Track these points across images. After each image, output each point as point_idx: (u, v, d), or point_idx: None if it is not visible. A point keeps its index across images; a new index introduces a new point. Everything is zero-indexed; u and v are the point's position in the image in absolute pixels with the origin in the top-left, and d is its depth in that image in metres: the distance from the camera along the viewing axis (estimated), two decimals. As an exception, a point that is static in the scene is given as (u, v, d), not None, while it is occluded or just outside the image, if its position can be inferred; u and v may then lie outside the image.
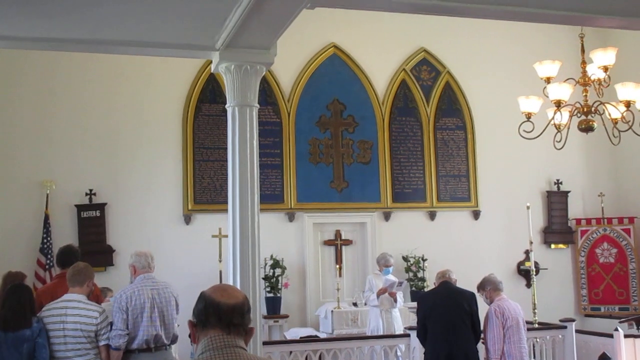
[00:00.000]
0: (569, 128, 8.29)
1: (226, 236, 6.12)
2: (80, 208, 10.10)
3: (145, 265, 5.96)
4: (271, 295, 10.38)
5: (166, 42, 5.98)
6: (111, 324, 5.73)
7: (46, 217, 9.79)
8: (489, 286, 7.33)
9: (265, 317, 10.12)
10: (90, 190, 10.15)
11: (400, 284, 9.56)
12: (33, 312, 5.56)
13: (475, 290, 7.36)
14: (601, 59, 7.94)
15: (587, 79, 8.24)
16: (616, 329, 8.70)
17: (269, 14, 5.09)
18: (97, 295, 6.24)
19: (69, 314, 5.57)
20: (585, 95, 8.24)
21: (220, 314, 2.43)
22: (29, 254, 9.70)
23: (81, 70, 10.29)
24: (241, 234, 5.73)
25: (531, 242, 10.08)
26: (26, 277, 6.74)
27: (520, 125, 8.12)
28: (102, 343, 5.62)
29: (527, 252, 10.98)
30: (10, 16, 5.33)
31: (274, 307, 10.37)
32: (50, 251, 9.55)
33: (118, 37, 5.92)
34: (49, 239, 9.71)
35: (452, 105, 11.99)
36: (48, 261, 9.54)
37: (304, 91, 11.33)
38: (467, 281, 7.73)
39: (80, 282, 5.73)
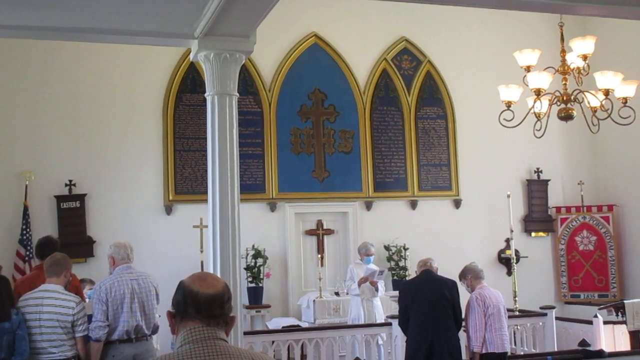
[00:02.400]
0: (548, 116, 8.33)
1: (207, 226, 6.09)
2: (60, 199, 10.01)
3: (125, 256, 5.91)
4: (253, 285, 10.37)
5: (145, 31, 5.92)
6: (89, 315, 5.68)
7: (25, 208, 9.70)
8: (470, 274, 7.37)
9: (247, 307, 10.13)
10: (70, 181, 10.07)
11: (381, 272, 9.58)
12: (12, 304, 5.49)
13: (456, 279, 7.40)
14: (580, 47, 7.98)
15: (566, 67, 8.27)
16: (595, 316, 8.80)
17: (248, 1, 5.06)
18: (76, 287, 6.19)
19: (45, 304, 5.52)
20: (565, 84, 8.28)
21: (198, 305, 2.37)
22: (8, 245, 9.63)
23: (60, 62, 10.19)
24: (222, 224, 5.69)
25: (512, 231, 10.18)
26: (1, 267, 6.67)
27: (500, 114, 8.15)
28: (78, 335, 5.57)
29: (507, 241, 11.05)
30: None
31: (255, 297, 10.37)
32: (29, 242, 9.47)
33: (97, 26, 5.85)
34: (28, 230, 9.62)
35: (433, 95, 12.00)
36: (27, 252, 9.47)
37: (285, 81, 11.29)
38: (448, 269, 7.77)
39: (57, 273, 5.68)
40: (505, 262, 11.70)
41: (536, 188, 12.34)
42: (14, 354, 5.37)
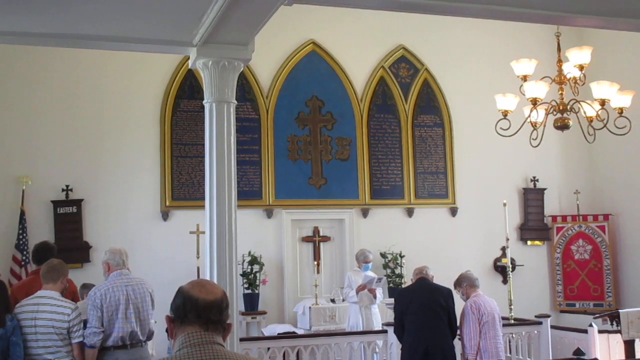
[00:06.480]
0: (545, 126, 8.36)
1: (204, 232, 6.11)
2: (56, 204, 10.01)
3: (120, 263, 5.89)
4: (249, 291, 10.37)
5: (144, 38, 5.96)
6: (85, 321, 5.67)
7: (22, 213, 9.69)
8: (465, 282, 7.39)
9: (242, 314, 10.12)
10: (67, 186, 10.07)
11: (379, 280, 9.60)
12: (8, 309, 5.48)
13: (452, 287, 7.42)
14: (577, 57, 8.02)
15: (563, 77, 8.32)
16: (590, 325, 8.81)
17: (247, 10, 5.08)
18: (72, 292, 6.20)
19: (41, 310, 5.51)
20: (561, 94, 8.32)
21: (198, 310, 2.43)
22: (4, 250, 9.62)
23: (58, 67, 10.19)
24: (218, 230, 5.72)
25: (507, 239, 10.19)
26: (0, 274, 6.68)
27: (497, 123, 8.18)
28: (75, 340, 5.55)
29: (503, 249, 11.08)
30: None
31: (251, 303, 10.37)
32: (26, 247, 9.47)
33: (95, 32, 5.89)
34: (24, 235, 9.62)
35: (430, 103, 12.04)
36: (24, 257, 9.46)
37: (283, 88, 11.31)
38: (444, 277, 7.77)
39: (53, 279, 5.68)
40: (501, 270, 11.73)
41: (532, 197, 12.37)
42: (8, 360, 5.38)
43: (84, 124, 10.30)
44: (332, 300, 10.55)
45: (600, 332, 8.80)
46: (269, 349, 8.38)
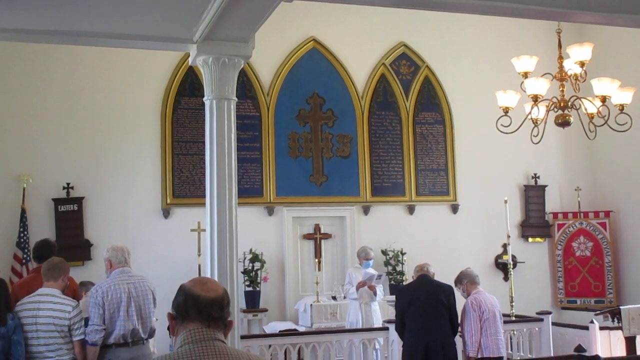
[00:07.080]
0: (545, 123, 8.37)
1: (205, 230, 6.10)
2: (57, 202, 10.01)
3: (122, 260, 5.90)
4: (250, 289, 10.37)
5: (143, 35, 5.93)
6: (86, 319, 5.67)
7: (23, 211, 9.69)
8: (465, 280, 7.39)
9: (244, 311, 10.13)
10: (68, 184, 10.07)
11: (379, 277, 9.61)
12: (9, 308, 5.47)
13: (452, 284, 7.42)
14: (578, 54, 8.02)
15: (563, 74, 8.31)
16: (592, 322, 8.81)
17: (247, 6, 5.07)
18: (73, 290, 6.19)
19: (42, 308, 5.52)
20: (562, 90, 8.31)
21: (199, 307, 2.45)
22: (5, 248, 9.63)
23: (58, 65, 10.19)
24: (219, 228, 5.71)
25: (509, 236, 10.17)
26: None
27: (498, 120, 8.18)
28: (76, 338, 5.56)
29: (504, 246, 11.08)
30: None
31: (253, 301, 10.37)
32: (27, 245, 9.47)
33: (95, 29, 5.86)
34: (25, 233, 9.62)
35: (431, 100, 12.03)
36: (25, 255, 9.46)
37: (284, 85, 11.31)
38: (445, 274, 7.77)
39: (54, 277, 5.68)
40: (502, 267, 11.72)
41: (533, 194, 12.36)
42: (9, 359, 5.36)
43: (84, 121, 10.30)
44: (334, 298, 10.55)
45: (601, 328, 8.80)
46: (270, 346, 8.38)
